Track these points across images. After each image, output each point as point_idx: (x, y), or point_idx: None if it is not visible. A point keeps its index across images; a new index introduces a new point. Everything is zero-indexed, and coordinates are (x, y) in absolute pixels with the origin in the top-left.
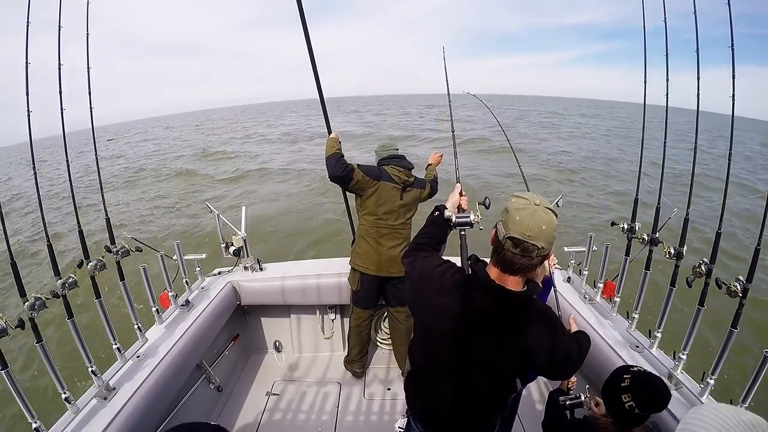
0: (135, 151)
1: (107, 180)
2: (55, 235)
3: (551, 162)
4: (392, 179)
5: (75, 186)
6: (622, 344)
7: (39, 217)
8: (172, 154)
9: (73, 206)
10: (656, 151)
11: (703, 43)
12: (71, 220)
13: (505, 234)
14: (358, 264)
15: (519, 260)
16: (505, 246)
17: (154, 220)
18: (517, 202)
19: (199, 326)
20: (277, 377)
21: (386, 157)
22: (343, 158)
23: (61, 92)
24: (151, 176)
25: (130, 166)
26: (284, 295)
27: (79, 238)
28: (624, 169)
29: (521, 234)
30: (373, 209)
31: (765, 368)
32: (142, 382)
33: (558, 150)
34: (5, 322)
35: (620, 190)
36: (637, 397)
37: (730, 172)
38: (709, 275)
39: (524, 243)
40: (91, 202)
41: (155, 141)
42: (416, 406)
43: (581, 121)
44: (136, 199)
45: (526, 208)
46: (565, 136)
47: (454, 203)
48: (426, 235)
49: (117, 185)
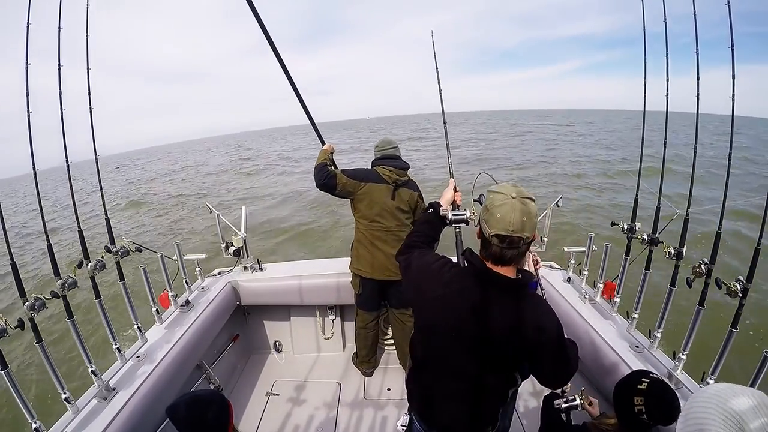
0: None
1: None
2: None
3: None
4: (382, 179)
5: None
6: (622, 344)
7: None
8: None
9: (73, 206)
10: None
11: (702, 45)
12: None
13: (489, 232)
14: (356, 268)
15: (507, 253)
16: (492, 242)
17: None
18: (494, 198)
19: (198, 326)
20: (277, 377)
21: (379, 158)
22: (327, 167)
23: (61, 93)
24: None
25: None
26: (284, 295)
27: (79, 238)
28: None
29: (505, 230)
30: (366, 212)
31: (765, 368)
32: (142, 382)
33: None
34: (5, 322)
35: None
36: (649, 403)
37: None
38: (709, 275)
39: (509, 237)
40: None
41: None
42: (418, 403)
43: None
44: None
45: (504, 203)
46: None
47: (449, 200)
48: (419, 233)
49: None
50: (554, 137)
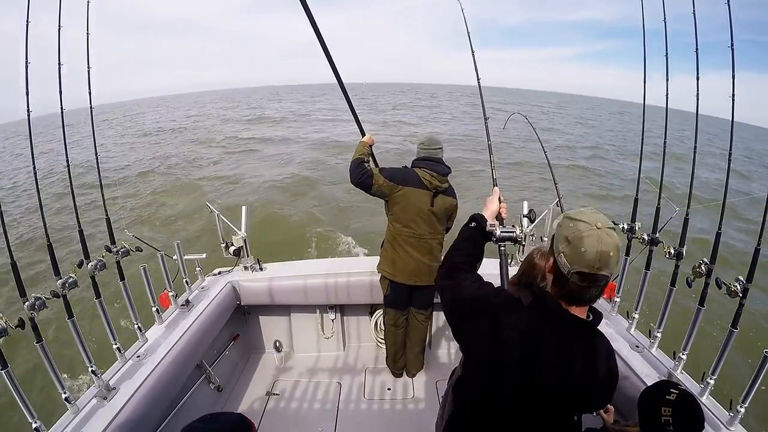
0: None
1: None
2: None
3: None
4: (422, 184)
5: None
6: (622, 344)
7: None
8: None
9: (73, 206)
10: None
11: (702, 48)
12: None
13: (570, 269)
14: (383, 269)
15: (587, 293)
16: (570, 280)
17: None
18: (577, 227)
19: (199, 326)
20: (277, 377)
21: (421, 158)
22: (364, 163)
23: (60, 92)
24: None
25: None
26: (284, 295)
27: (80, 238)
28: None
29: (589, 267)
30: (399, 216)
31: (765, 368)
32: (142, 382)
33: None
34: (5, 322)
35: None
36: (677, 415)
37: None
38: (709, 275)
39: (594, 275)
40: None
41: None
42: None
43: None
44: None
45: (589, 235)
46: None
47: (493, 212)
48: (461, 252)
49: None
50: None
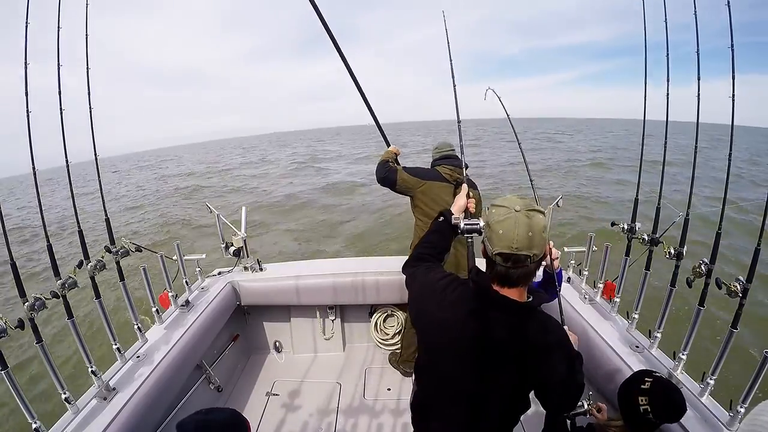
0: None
1: None
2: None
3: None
4: (443, 177)
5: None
6: (622, 344)
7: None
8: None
9: (73, 206)
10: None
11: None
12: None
13: (492, 250)
14: None
15: (513, 273)
16: (495, 261)
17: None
18: (496, 212)
19: (199, 326)
20: (277, 377)
21: (439, 158)
22: (389, 162)
23: (60, 92)
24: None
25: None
26: (284, 295)
27: (79, 238)
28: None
29: (508, 248)
30: (426, 210)
31: (765, 368)
32: (142, 382)
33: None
34: (5, 323)
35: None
36: (654, 403)
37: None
38: (709, 275)
39: (514, 255)
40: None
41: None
42: (420, 427)
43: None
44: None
45: (506, 218)
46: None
47: (461, 207)
48: (428, 244)
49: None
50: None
